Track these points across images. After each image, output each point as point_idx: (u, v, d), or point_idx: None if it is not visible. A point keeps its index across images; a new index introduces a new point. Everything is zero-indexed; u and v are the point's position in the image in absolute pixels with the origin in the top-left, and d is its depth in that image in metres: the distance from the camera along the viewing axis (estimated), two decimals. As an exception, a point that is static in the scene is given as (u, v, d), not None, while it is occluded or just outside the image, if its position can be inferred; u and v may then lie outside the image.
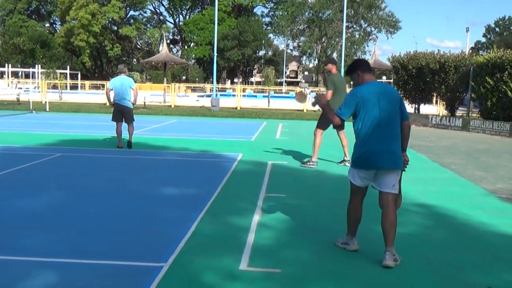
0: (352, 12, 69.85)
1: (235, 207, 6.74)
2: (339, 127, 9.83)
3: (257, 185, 8.20)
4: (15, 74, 65.28)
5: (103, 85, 40.06)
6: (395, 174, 4.79)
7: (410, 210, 6.87)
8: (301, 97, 6.92)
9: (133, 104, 12.46)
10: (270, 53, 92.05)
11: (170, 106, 31.70)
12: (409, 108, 27.13)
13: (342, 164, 10.45)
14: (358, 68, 4.93)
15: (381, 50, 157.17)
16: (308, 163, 10.26)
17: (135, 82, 13.16)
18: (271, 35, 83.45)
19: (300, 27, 75.31)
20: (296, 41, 79.33)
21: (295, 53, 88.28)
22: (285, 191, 7.85)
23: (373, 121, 4.70)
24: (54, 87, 45.43)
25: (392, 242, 4.70)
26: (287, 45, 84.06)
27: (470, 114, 24.72)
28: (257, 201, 7.06)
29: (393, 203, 4.77)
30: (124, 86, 12.15)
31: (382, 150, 4.69)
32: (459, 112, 26.63)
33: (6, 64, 63.04)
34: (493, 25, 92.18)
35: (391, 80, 37.67)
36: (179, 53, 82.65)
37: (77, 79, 64.06)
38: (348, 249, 5.03)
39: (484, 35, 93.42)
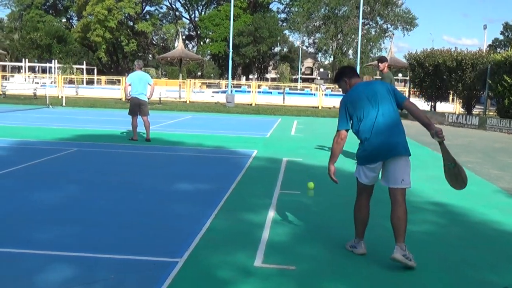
0: (369, 8, 69.54)
1: (249, 204, 6.75)
2: None
3: (271, 181, 8.21)
4: (32, 69, 65.81)
5: (119, 80, 40.22)
6: (403, 165, 4.68)
7: (425, 208, 6.85)
8: None
9: (149, 98, 12.81)
10: (285, 49, 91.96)
11: (185, 102, 31.80)
12: (425, 106, 26.98)
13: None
14: (344, 75, 4.97)
15: (397, 47, 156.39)
16: None
17: (151, 77, 13.43)
18: (286, 32, 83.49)
19: (315, 24, 75.09)
20: (312, 37, 79.26)
21: (311, 49, 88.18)
22: (299, 188, 7.82)
23: (368, 118, 4.67)
24: (71, 82, 45.86)
25: (401, 236, 4.57)
26: (303, 42, 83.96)
27: (487, 113, 24.50)
28: (271, 198, 7.07)
29: (402, 200, 4.66)
30: (142, 81, 12.55)
31: (382, 142, 4.63)
32: (475, 111, 26.40)
33: (23, 59, 63.63)
34: (511, 23, 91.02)
35: (407, 78, 37.46)
36: (195, 49, 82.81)
37: (93, 74, 64.42)
38: (355, 253, 4.93)
39: (502, 33, 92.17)
